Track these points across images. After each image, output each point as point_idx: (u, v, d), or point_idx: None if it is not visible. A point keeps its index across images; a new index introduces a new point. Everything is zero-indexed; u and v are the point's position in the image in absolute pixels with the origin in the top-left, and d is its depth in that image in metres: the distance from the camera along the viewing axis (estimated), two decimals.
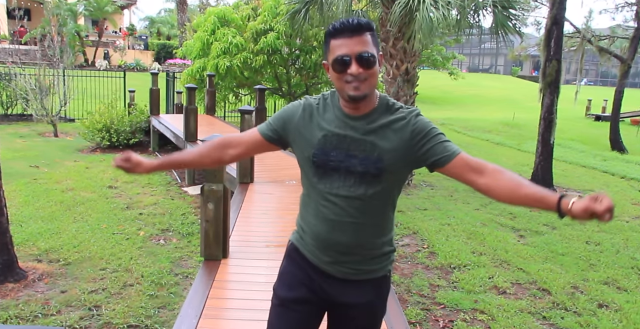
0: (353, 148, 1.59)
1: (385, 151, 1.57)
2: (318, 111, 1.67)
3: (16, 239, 4.64)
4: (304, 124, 1.67)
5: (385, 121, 1.60)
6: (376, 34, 1.60)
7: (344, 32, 1.54)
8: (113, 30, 28.27)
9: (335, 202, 1.61)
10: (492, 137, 13.81)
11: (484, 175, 1.53)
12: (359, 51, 1.52)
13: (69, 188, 6.76)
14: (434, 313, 3.95)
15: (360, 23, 1.54)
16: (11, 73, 11.06)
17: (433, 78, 25.99)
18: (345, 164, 1.59)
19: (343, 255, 1.66)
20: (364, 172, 1.58)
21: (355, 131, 1.60)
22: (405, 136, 1.59)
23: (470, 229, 6.00)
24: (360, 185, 1.59)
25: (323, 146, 1.61)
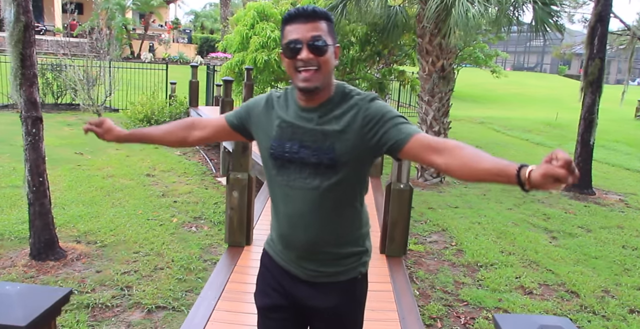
0: (306, 139, 1.54)
1: (337, 141, 1.51)
2: (279, 103, 1.63)
3: (58, 221, 4.87)
4: (264, 116, 1.64)
5: (339, 111, 1.54)
6: (333, 25, 1.56)
7: (299, 18, 1.49)
8: (159, 24, 28.95)
9: (291, 195, 1.57)
10: (532, 137, 13.51)
11: (443, 153, 1.40)
12: (311, 36, 1.47)
13: (109, 175, 7.03)
14: (456, 309, 3.96)
15: (315, 10, 1.50)
16: (62, 64, 11.50)
17: (474, 76, 25.52)
18: (299, 155, 1.54)
19: (305, 254, 1.60)
20: (317, 163, 1.53)
21: (308, 121, 1.55)
22: (357, 123, 1.51)
23: (500, 228, 5.93)
24: (315, 177, 1.54)
25: (279, 137, 1.57)
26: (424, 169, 7.96)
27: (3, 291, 1.44)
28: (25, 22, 3.96)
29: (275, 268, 1.69)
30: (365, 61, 11.56)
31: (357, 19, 8.67)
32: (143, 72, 13.41)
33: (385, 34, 9.43)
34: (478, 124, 15.06)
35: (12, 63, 4.03)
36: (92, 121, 1.75)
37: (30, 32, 4.02)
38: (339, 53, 1.58)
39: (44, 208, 4.32)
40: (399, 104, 16.94)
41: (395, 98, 16.74)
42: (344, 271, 1.62)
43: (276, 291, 1.67)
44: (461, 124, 14.41)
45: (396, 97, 16.70)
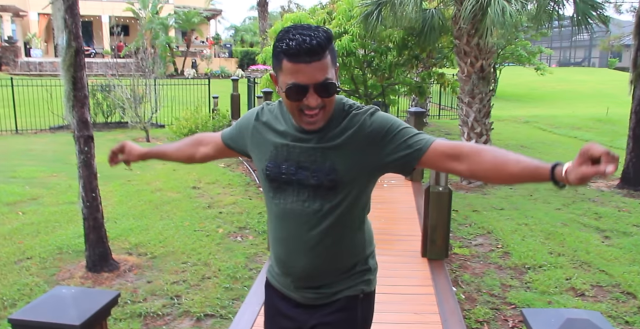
0: (303, 159, 1.43)
1: (338, 160, 1.40)
2: (272, 119, 1.51)
3: (111, 234, 5.09)
4: (257, 135, 1.54)
5: (338, 128, 1.42)
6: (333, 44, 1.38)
7: (301, 57, 1.29)
8: (200, 40, 29.76)
9: (289, 219, 1.47)
10: (582, 134, 13.10)
11: (463, 160, 1.32)
12: (319, 80, 1.32)
13: (157, 189, 7.28)
14: (504, 312, 3.89)
15: (320, 45, 1.30)
16: (110, 85, 12.02)
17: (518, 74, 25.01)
18: (297, 176, 1.44)
19: (302, 281, 1.52)
20: (317, 185, 1.41)
21: (305, 141, 1.43)
22: (359, 140, 1.40)
23: (549, 229, 5.78)
24: (315, 199, 1.43)
25: (274, 158, 1.47)
26: None
27: (59, 294, 1.58)
28: (76, 47, 4.19)
29: (276, 295, 1.62)
30: (404, 66, 11.52)
31: (393, 24, 8.69)
32: (186, 87, 13.82)
33: (422, 37, 9.40)
34: (523, 124, 14.71)
35: (65, 86, 4.27)
36: (114, 149, 1.76)
37: (80, 57, 4.25)
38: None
39: (98, 222, 4.52)
40: (440, 107, 16.76)
41: (436, 101, 16.58)
42: (344, 289, 1.53)
43: (282, 318, 1.60)
44: (505, 124, 14.13)
45: (437, 100, 16.54)
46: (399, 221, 5.60)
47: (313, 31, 1.32)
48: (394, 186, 6.87)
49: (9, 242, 5.12)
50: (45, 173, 7.97)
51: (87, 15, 25.21)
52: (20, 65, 23.83)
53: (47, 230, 5.49)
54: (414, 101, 13.87)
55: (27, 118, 12.20)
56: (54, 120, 11.83)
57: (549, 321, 1.72)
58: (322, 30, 1.34)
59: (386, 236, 5.07)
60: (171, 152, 1.78)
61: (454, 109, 16.13)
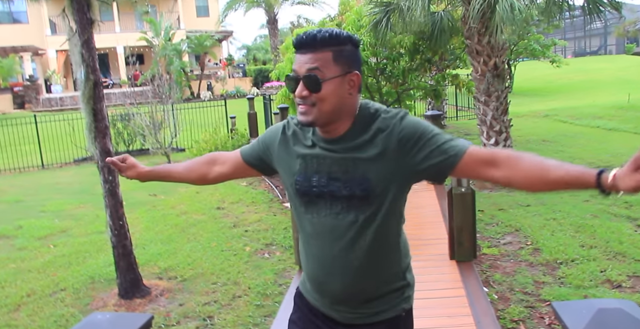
0: (334, 169, 1.38)
1: (370, 169, 1.35)
2: (297, 133, 1.48)
3: (140, 260, 5.15)
4: (283, 149, 1.50)
5: (367, 135, 1.37)
6: (349, 51, 1.35)
7: (301, 47, 1.35)
8: (214, 62, 30.17)
9: (323, 233, 1.41)
10: (604, 124, 12.85)
11: (499, 167, 1.26)
12: (307, 69, 1.32)
13: (182, 212, 7.37)
14: (539, 310, 3.82)
15: (316, 37, 1.32)
16: (129, 113, 12.25)
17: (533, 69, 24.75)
18: (329, 188, 1.39)
19: (342, 299, 1.46)
20: (350, 195, 1.37)
21: (334, 151, 1.39)
22: (391, 145, 1.34)
23: (578, 222, 5.68)
24: (349, 211, 1.38)
25: (304, 171, 1.43)
26: None
27: (95, 320, 1.63)
28: (95, 80, 4.32)
29: (310, 310, 1.55)
30: (417, 70, 11.53)
31: (402, 29, 8.71)
32: (204, 110, 14.02)
33: (433, 40, 9.40)
34: (542, 118, 14.51)
35: (86, 118, 4.38)
36: (117, 157, 1.72)
37: (99, 89, 4.37)
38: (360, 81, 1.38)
39: (127, 250, 4.60)
40: (457, 108, 16.65)
41: (452, 102, 16.48)
42: (386, 309, 1.47)
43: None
44: (524, 120, 13.96)
45: (453, 101, 16.44)
46: (424, 226, 5.56)
47: (326, 29, 1.33)
48: (416, 191, 6.83)
49: (43, 275, 5.24)
50: (72, 205, 8.14)
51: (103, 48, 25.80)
52: (42, 102, 24.47)
53: (79, 261, 5.60)
54: (430, 104, 13.81)
55: (52, 153, 12.50)
56: (78, 152, 12.10)
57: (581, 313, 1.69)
58: (336, 30, 1.34)
59: (413, 241, 4.99)
60: (179, 172, 1.71)
61: (471, 109, 15.99)
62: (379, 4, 8.69)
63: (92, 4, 4.33)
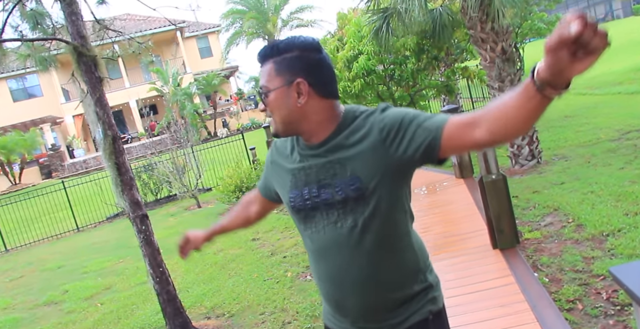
0: (322, 176, 1.35)
1: (358, 166, 1.30)
2: (285, 149, 1.47)
3: (186, 303, 5.17)
4: (276, 168, 1.50)
5: (347, 132, 1.34)
6: (290, 57, 1.31)
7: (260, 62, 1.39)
8: (225, 99, 30.65)
9: (326, 247, 1.36)
10: (625, 89, 12.52)
11: (479, 123, 1.16)
12: (260, 85, 1.37)
13: (219, 249, 7.38)
14: (594, 286, 3.67)
15: (262, 53, 1.36)
16: (152, 163, 12.48)
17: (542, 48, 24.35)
18: (321, 198, 1.35)
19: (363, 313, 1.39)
20: (344, 199, 1.31)
21: (318, 156, 1.36)
22: (373, 138, 1.30)
23: (617, 191, 5.48)
24: (346, 216, 1.32)
25: (295, 186, 1.40)
26: (516, 155, 7.62)
27: None
28: (112, 135, 4.41)
29: None
30: (425, 69, 11.49)
31: (404, 32, 8.72)
32: (223, 147, 14.18)
33: (436, 37, 9.38)
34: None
35: (111, 173, 4.46)
36: (180, 243, 1.78)
37: (118, 143, 4.45)
38: (306, 88, 1.31)
39: (171, 295, 4.61)
40: (473, 100, 16.48)
41: (467, 95, 16.33)
42: (412, 314, 1.39)
43: None
44: None
45: (467, 94, 16.29)
46: (460, 220, 5.45)
47: (275, 41, 1.35)
48: (446, 188, 6.72)
49: None
50: (112, 262, 8.25)
51: (116, 105, 26.50)
52: (67, 167, 25.12)
53: (127, 314, 5.63)
54: (445, 101, 13.71)
55: (85, 214, 12.77)
56: (109, 210, 12.33)
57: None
58: (283, 40, 1.34)
59: (451, 238, 4.94)
60: (230, 224, 1.78)
61: (486, 99, 15.81)
62: (377, 11, 8.72)
63: (99, 62, 4.45)
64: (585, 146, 7.94)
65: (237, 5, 29.28)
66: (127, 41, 5.73)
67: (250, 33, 28.90)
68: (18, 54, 5.24)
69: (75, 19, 4.40)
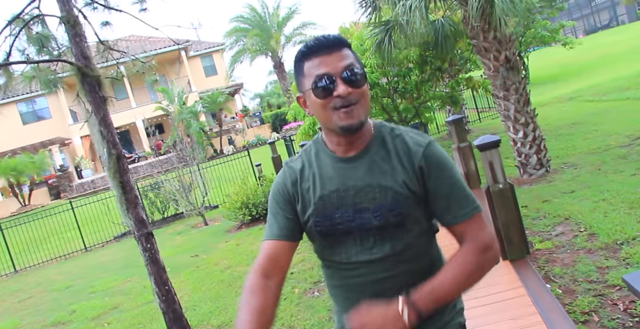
0: (360, 200, 1.27)
1: (400, 191, 1.25)
2: (303, 171, 1.36)
3: (192, 322, 5.07)
4: (294, 196, 1.35)
5: (390, 154, 1.29)
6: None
7: (320, 50, 1.25)
8: (230, 117, 30.76)
9: (359, 274, 1.29)
10: (633, 94, 12.38)
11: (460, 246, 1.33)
12: (344, 66, 1.24)
13: (226, 267, 7.30)
14: (610, 297, 3.55)
15: (338, 37, 1.28)
16: (159, 182, 12.47)
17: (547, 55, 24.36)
18: (356, 222, 1.27)
19: None
20: (383, 225, 1.26)
21: (356, 177, 1.28)
22: (414, 167, 1.27)
23: (630, 198, 5.36)
24: (383, 243, 1.27)
25: (323, 210, 1.30)
26: (524, 164, 7.52)
27: None
28: (117, 154, 4.40)
29: None
30: (430, 81, 11.46)
31: (406, 44, 8.69)
32: (229, 164, 14.16)
33: (438, 48, 9.36)
34: (567, 102, 14.12)
35: (116, 192, 4.44)
36: None
37: (122, 161, 4.44)
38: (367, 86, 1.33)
39: (177, 314, 4.54)
40: (478, 111, 16.40)
41: (472, 106, 16.26)
42: (442, 327, 1.36)
43: None
44: (549, 107, 13.62)
45: (472, 105, 16.22)
46: None
47: (332, 34, 1.31)
48: None
49: None
50: (119, 281, 8.18)
51: (123, 125, 26.66)
52: (75, 188, 25.20)
53: None
54: (450, 112, 13.64)
55: (93, 234, 12.73)
56: (116, 229, 12.30)
57: None
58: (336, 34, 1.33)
59: None
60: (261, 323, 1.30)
61: (492, 109, 15.74)
62: (378, 24, 8.71)
63: (102, 82, 4.47)
64: (595, 153, 7.82)
65: (240, 23, 29.52)
66: (132, 61, 5.75)
67: (254, 50, 29.09)
68: (24, 76, 5.26)
69: (79, 40, 4.43)
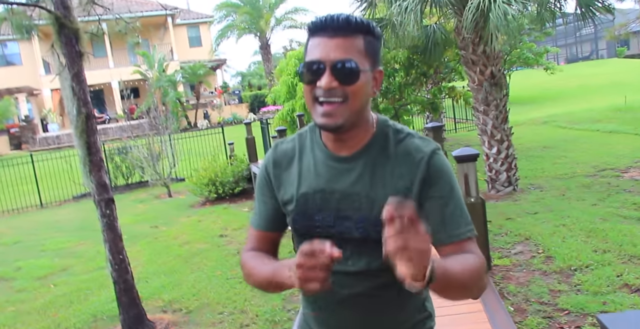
0: (344, 207, 1.16)
1: None
2: (293, 158, 1.25)
3: (143, 294, 5.01)
4: (278, 182, 1.25)
5: (389, 161, 1.16)
6: (378, 41, 1.17)
7: (326, 30, 1.11)
8: (209, 91, 30.31)
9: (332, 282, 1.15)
10: (603, 127, 12.77)
11: None
12: (337, 58, 1.08)
13: (185, 242, 7.23)
14: (558, 320, 3.67)
15: (348, 20, 1.10)
16: (127, 146, 12.21)
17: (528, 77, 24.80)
18: (336, 229, 1.17)
19: None
20: (363, 238, 1.16)
21: (345, 181, 1.16)
22: (414, 180, 1.15)
23: (588, 226, 5.54)
24: (360, 256, 1.17)
25: (304, 209, 1.20)
26: (493, 180, 7.67)
27: None
28: (86, 113, 4.25)
29: None
30: (413, 84, 11.52)
31: (396, 45, 8.70)
32: (201, 138, 13.98)
33: (427, 54, 9.40)
34: (541, 125, 14.46)
35: (80, 152, 4.30)
36: None
37: (91, 122, 4.29)
38: (382, 80, 1.19)
39: (128, 284, 4.46)
40: (455, 121, 16.62)
41: (450, 115, 16.46)
42: None
43: None
44: (524, 127, 13.91)
45: (450, 114, 16.42)
46: None
47: (348, 14, 1.13)
48: None
49: (43, 316, 5.09)
50: (72, 243, 8.01)
51: (97, 84, 25.97)
52: (39, 141, 24.49)
53: (80, 299, 5.45)
54: (428, 118, 13.77)
55: (50, 191, 12.41)
56: (76, 189, 12.00)
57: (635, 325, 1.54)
58: (360, 17, 1.15)
59: None
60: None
61: (469, 121, 15.96)
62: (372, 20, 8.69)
63: (81, 36, 4.28)
64: (561, 178, 8.04)
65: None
66: (115, 20, 5.56)
67: (242, 28, 28.64)
68: None
69: None
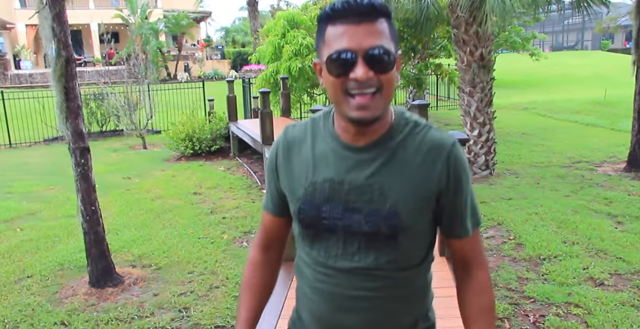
0: (354, 198, 1.09)
1: (401, 200, 1.07)
2: (303, 144, 1.17)
3: (113, 247, 4.94)
4: (285, 168, 1.19)
5: (407, 153, 1.09)
6: (394, 22, 1.08)
7: (349, 17, 1.01)
8: (192, 43, 29.57)
9: (334, 275, 1.13)
10: (582, 118, 12.98)
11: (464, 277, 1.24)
12: (370, 45, 1.00)
13: (157, 196, 7.14)
14: (523, 307, 3.77)
15: (373, 4, 1.01)
16: (104, 93, 11.86)
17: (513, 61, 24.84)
18: (344, 222, 1.10)
19: None
20: (373, 232, 1.09)
21: (357, 172, 1.09)
22: (433, 174, 1.09)
23: (560, 217, 5.66)
24: (368, 251, 1.10)
25: (311, 198, 1.12)
26: (471, 162, 7.73)
27: None
28: (66, 56, 4.05)
29: None
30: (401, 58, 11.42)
31: None
32: (181, 92, 13.67)
33: (418, 28, 9.28)
34: (522, 111, 14.60)
35: (57, 97, 4.12)
36: None
37: (71, 66, 4.10)
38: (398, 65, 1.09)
39: (99, 236, 4.39)
40: (438, 98, 16.63)
41: (433, 92, 16.45)
42: None
43: None
44: (505, 111, 14.01)
45: (433, 91, 16.41)
46: None
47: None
48: None
49: (8, 261, 4.98)
50: (42, 187, 7.82)
51: (76, 24, 24.99)
52: (10, 78, 23.63)
53: (47, 246, 5.35)
54: (412, 93, 13.73)
55: (21, 131, 12.04)
56: (48, 132, 11.68)
57: None
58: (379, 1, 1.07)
59: None
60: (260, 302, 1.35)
61: (451, 100, 16.00)
62: None
63: None
64: (537, 166, 8.16)
65: None
66: None
67: None
68: None
69: None
